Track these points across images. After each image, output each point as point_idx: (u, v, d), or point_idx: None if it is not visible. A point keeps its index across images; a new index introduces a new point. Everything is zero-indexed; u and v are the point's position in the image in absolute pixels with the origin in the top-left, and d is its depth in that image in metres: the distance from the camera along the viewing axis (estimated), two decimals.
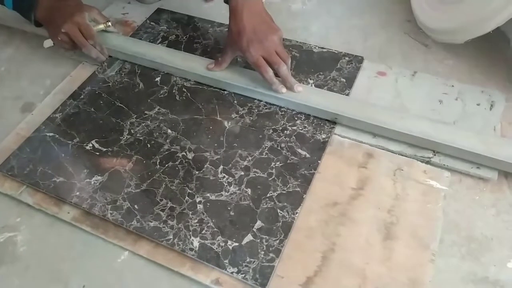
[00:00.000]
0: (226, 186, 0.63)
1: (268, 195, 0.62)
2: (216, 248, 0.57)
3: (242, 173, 0.64)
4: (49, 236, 0.63)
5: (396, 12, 0.91)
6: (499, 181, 0.63)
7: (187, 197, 0.62)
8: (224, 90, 0.76)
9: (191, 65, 0.77)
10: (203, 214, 0.60)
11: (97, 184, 0.65)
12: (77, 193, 0.64)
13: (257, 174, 0.64)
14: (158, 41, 0.86)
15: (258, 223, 0.59)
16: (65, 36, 0.75)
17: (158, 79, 0.79)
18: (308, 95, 0.70)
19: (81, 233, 0.62)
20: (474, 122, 0.69)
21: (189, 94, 0.76)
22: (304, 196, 0.61)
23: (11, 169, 0.67)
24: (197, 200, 0.62)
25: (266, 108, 0.72)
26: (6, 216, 0.65)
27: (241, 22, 0.67)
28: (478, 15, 0.69)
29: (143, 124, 0.72)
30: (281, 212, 0.60)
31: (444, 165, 0.64)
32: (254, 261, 0.55)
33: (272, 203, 0.61)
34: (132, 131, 0.71)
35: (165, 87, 0.77)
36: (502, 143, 0.62)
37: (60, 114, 0.75)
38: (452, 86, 0.74)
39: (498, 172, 0.63)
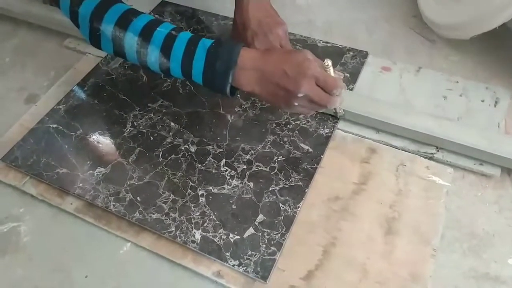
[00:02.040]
0: (229, 179, 0.63)
1: (270, 189, 0.62)
2: (218, 241, 0.57)
3: (245, 166, 0.64)
4: (52, 226, 0.63)
5: (401, 7, 0.90)
6: (502, 178, 0.62)
7: (189, 190, 0.62)
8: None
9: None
10: (205, 207, 0.61)
11: (100, 175, 0.65)
12: (80, 185, 0.64)
13: (259, 168, 0.64)
14: None
15: (260, 217, 0.59)
16: (303, 100, 0.54)
17: None
18: None
19: (84, 224, 0.62)
20: (478, 119, 0.68)
21: (192, 87, 0.76)
22: (306, 191, 0.61)
23: (15, 160, 0.68)
24: (200, 193, 0.62)
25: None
26: (10, 206, 0.66)
27: (246, 15, 0.67)
28: (484, 11, 0.69)
29: (146, 117, 0.72)
30: (283, 206, 0.60)
31: (447, 161, 0.64)
32: (256, 254, 0.56)
33: (274, 197, 0.61)
34: (135, 123, 0.71)
35: (169, 80, 0.77)
36: (506, 140, 0.62)
37: (64, 105, 0.75)
38: (457, 82, 0.74)
39: (501, 169, 0.62)
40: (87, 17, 0.58)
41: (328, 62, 0.54)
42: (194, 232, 0.58)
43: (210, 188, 0.62)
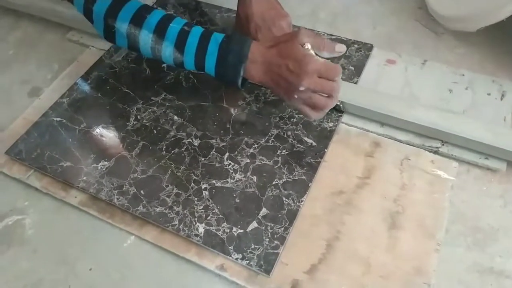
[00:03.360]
0: (232, 173, 0.63)
1: (274, 182, 0.62)
2: (221, 235, 0.57)
3: (248, 160, 0.64)
4: (56, 219, 0.63)
5: None
6: (507, 172, 0.62)
7: (192, 184, 0.62)
8: None
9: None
10: (209, 200, 0.61)
11: (104, 169, 0.65)
12: (84, 178, 0.64)
13: (263, 162, 0.64)
14: None
15: (263, 211, 0.59)
16: (305, 94, 0.56)
17: (164, 65, 0.79)
18: None
19: (88, 217, 0.63)
20: (484, 112, 0.68)
21: (195, 81, 0.76)
22: (309, 184, 0.61)
23: (19, 153, 0.68)
24: (203, 186, 0.62)
25: (273, 96, 0.72)
26: (14, 199, 0.66)
27: (250, 7, 0.66)
28: (491, 3, 0.68)
29: (150, 110, 0.72)
30: (286, 200, 0.60)
31: (452, 155, 0.63)
32: (259, 248, 0.56)
33: (278, 190, 0.61)
34: (138, 117, 0.71)
35: (172, 73, 0.77)
36: None
37: (67, 99, 0.75)
38: (463, 75, 0.73)
39: (506, 163, 0.62)
40: (101, 14, 0.61)
41: (308, 46, 0.56)
42: (198, 226, 0.58)
43: (214, 181, 0.62)
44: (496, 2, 0.67)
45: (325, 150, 0.65)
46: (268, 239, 0.56)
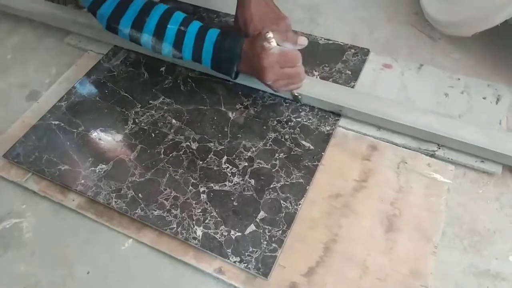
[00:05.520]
0: (230, 176, 0.63)
1: (272, 186, 0.62)
2: (219, 238, 0.57)
3: (246, 163, 0.65)
4: (54, 223, 0.63)
5: (403, 4, 0.90)
6: (503, 175, 0.62)
7: (190, 187, 0.63)
8: (229, 80, 0.76)
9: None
10: (207, 203, 0.61)
11: (102, 172, 0.65)
12: (82, 181, 0.64)
13: (260, 165, 0.64)
14: None
15: (261, 214, 0.59)
16: (275, 84, 0.63)
17: (163, 69, 0.79)
18: (313, 87, 0.70)
19: (85, 220, 0.63)
20: (480, 116, 0.68)
21: (193, 84, 0.76)
22: (307, 188, 0.61)
23: (17, 156, 0.68)
24: (201, 190, 0.62)
25: (270, 99, 0.72)
26: (12, 202, 0.66)
27: (248, 11, 0.67)
28: (486, 8, 0.69)
29: (148, 114, 0.72)
30: (284, 203, 0.60)
31: (448, 158, 0.64)
32: (257, 251, 0.56)
33: (276, 194, 0.61)
34: (136, 120, 0.71)
35: (170, 77, 0.78)
36: (507, 137, 0.62)
37: (66, 102, 0.75)
38: (458, 79, 0.73)
39: (502, 166, 0.62)
40: (105, 17, 0.66)
41: (270, 34, 0.59)
42: (196, 229, 0.58)
43: (212, 185, 0.63)
44: (491, 8, 0.67)
45: (323, 153, 0.65)
46: (266, 242, 0.57)
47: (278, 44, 0.60)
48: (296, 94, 0.69)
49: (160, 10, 0.65)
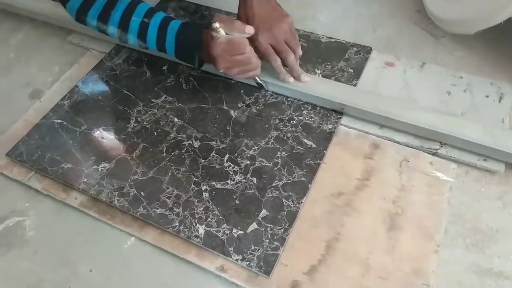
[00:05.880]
0: (232, 174, 0.63)
1: (274, 184, 0.62)
2: (221, 236, 0.57)
3: (248, 162, 0.65)
4: (57, 221, 0.64)
5: (405, 2, 0.89)
6: (506, 173, 0.62)
7: (193, 185, 0.63)
8: (231, 79, 0.76)
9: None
10: (209, 202, 0.61)
11: (104, 171, 0.65)
12: (85, 180, 0.64)
13: (262, 164, 0.64)
14: None
15: (263, 212, 0.59)
16: (229, 71, 0.65)
17: (165, 67, 0.79)
18: (315, 85, 0.70)
19: (88, 218, 0.63)
20: (482, 114, 0.68)
21: (196, 83, 0.76)
22: (309, 186, 0.61)
23: (20, 155, 0.68)
24: (203, 188, 0.62)
25: (272, 98, 0.72)
26: (15, 201, 0.66)
27: (251, 10, 0.66)
28: (489, 6, 0.68)
29: (150, 112, 0.72)
30: (286, 201, 0.60)
31: (451, 157, 0.64)
32: (259, 249, 0.56)
33: (277, 192, 0.61)
34: (139, 119, 0.72)
35: (172, 76, 0.78)
36: (510, 135, 0.61)
37: (68, 101, 0.75)
38: (461, 77, 0.73)
39: (505, 165, 0.62)
40: (74, 9, 0.68)
41: (216, 24, 0.61)
42: (198, 227, 0.58)
43: (214, 183, 0.63)
44: (494, 6, 0.67)
45: (325, 152, 0.65)
46: (268, 240, 0.57)
47: (227, 34, 0.62)
48: (259, 81, 0.71)
49: (125, 2, 0.67)
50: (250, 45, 0.65)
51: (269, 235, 0.57)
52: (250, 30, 0.62)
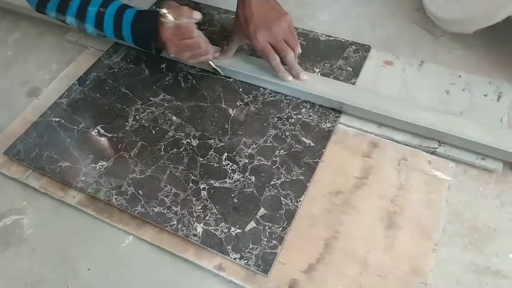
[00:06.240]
0: (230, 173, 0.63)
1: (272, 183, 0.62)
2: (219, 234, 0.57)
3: (246, 160, 0.64)
4: (55, 219, 0.64)
5: (405, 1, 0.89)
6: (503, 172, 0.62)
7: (191, 184, 0.63)
8: (229, 77, 0.76)
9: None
10: (207, 200, 0.61)
11: (102, 169, 0.65)
12: (83, 178, 0.64)
13: (261, 162, 0.64)
14: None
15: (262, 211, 0.59)
16: (181, 55, 0.68)
17: (163, 65, 0.79)
18: (313, 84, 0.70)
19: (86, 217, 0.63)
20: (481, 113, 0.68)
21: (194, 81, 0.76)
22: (307, 185, 0.61)
23: (17, 153, 0.68)
24: (201, 186, 0.62)
25: (271, 96, 0.72)
26: (13, 199, 0.66)
27: (249, 8, 0.66)
28: (488, 5, 0.68)
29: (148, 111, 0.72)
30: (284, 200, 0.60)
31: (449, 155, 0.64)
32: (257, 248, 0.56)
33: (276, 191, 0.61)
34: (137, 117, 0.71)
35: (171, 74, 0.77)
36: (508, 134, 0.62)
37: (66, 99, 0.75)
38: (460, 76, 0.73)
39: (503, 164, 0.62)
40: (34, 1, 0.69)
41: (164, 10, 0.64)
42: (196, 226, 0.58)
43: (212, 182, 0.63)
44: (493, 5, 0.67)
45: (323, 150, 0.65)
46: (266, 239, 0.57)
47: (176, 19, 0.64)
48: (214, 66, 0.73)
49: None
50: (248, 44, 0.65)
51: (267, 233, 0.57)
52: (197, 15, 0.65)
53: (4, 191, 0.67)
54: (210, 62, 0.72)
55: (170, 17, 0.64)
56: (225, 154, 0.66)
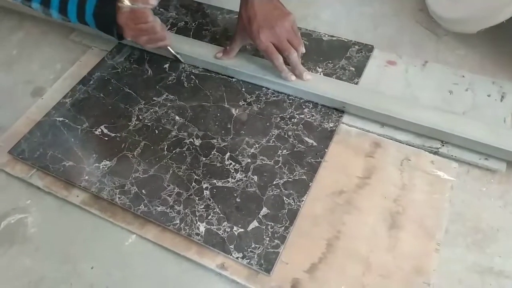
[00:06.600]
0: (233, 173, 0.63)
1: (275, 182, 0.62)
2: (222, 234, 0.58)
3: (249, 160, 0.65)
4: (58, 218, 0.64)
5: (408, 1, 0.89)
6: (507, 172, 0.62)
7: (194, 183, 0.63)
8: (232, 77, 0.76)
9: (199, 52, 0.77)
10: (210, 200, 0.61)
11: (106, 168, 0.65)
12: (86, 177, 0.65)
13: (263, 162, 0.64)
14: (167, 28, 0.86)
15: (264, 210, 0.59)
16: (139, 39, 0.70)
17: (166, 65, 0.79)
18: (316, 84, 0.70)
19: (89, 216, 0.63)
20: (484, 113, 0.68)
21: (197, 81, 0.76)
22: (310, 184, 0.61)
23: (21, 152, 0.69)
24: (204, 186, 0.62)
25: (274, 96, 0.72)
26: (17, 198, 0.66)
27: (252, 8, 0.66)
28: (491, 5, 0.68)
29: (151, 110, 0.72)
30: (287, 199, 0.60)
31: (452, 155, 0.63)
32: (259, 247, 0.56)
33: (278, 190, 0.61)
34: (140, 117, 0.72)
35: (174, 74, 0.78)
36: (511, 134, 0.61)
37: (70, 99, 0.76)
38: (463, 76, 0.73)
39: (506, 164, 0.62)
40: None
41: (126, 1, 0.65)
42: (199, 225, 0.59)
43: (215, 181, 0.63)
44: (496, 4, 0.67)
45: (326, 150, 0.65)
46: (268, 238, 0.57)
47: (132, 4, 0.65)
48: (173, 53, 0.75)
49: None
50: (251, 44, 0.65)
51: (269, 233, 0.57)
52: (152, 1, 0.66)
53: (8, 190, 0.68)
54: (169, 48, 0.74)
55: (126, 2, 0.65)
56: (228, 153, 0.66)
